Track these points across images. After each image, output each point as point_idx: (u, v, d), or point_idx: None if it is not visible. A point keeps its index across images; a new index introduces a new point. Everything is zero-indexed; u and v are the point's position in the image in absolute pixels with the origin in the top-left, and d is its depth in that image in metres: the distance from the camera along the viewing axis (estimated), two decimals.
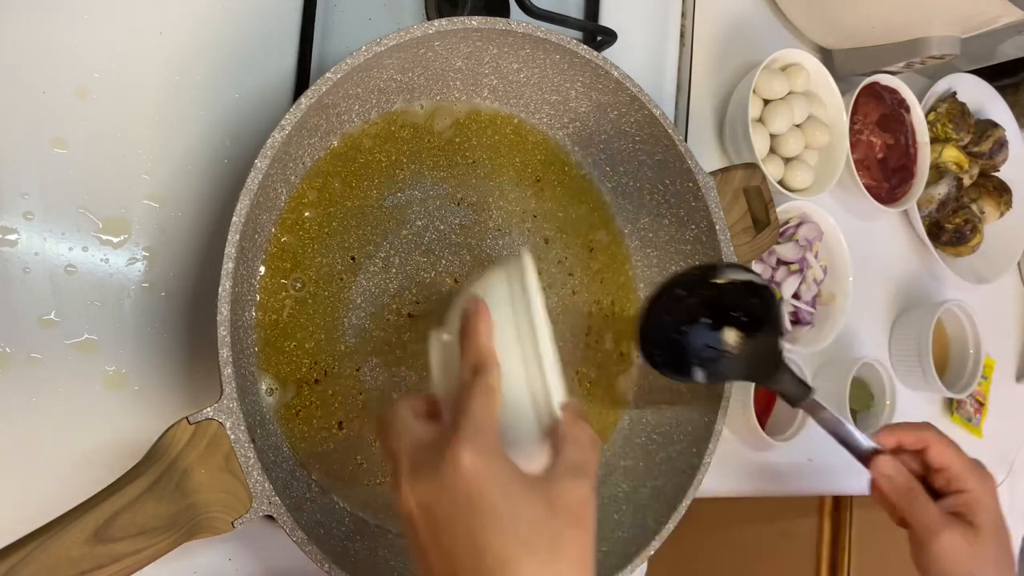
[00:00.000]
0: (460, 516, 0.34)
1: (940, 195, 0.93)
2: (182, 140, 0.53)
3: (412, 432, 0.38)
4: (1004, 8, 0.73)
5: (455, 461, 0.34)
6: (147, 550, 0.41)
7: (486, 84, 0.59)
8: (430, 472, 0.35)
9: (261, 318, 0.52)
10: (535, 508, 0.35)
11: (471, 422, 0.36)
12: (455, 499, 0.34)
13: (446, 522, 0.34)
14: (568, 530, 0.35)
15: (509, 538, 0.34)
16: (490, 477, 0.35)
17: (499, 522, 0.34)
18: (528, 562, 0.34)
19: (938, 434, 0.57)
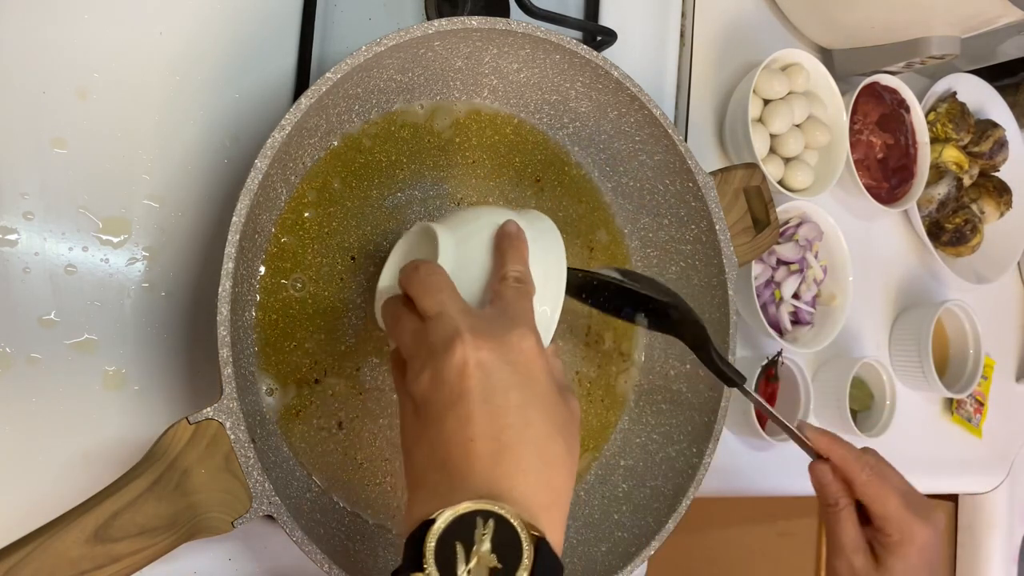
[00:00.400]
0: (516, 388, 0.38)
1: (940, 195, 0.93)
2: (182, 140, 0.53)
3: (461, 302, 0.41)
4: (1004, 8, 0.73)
5: (522, 340, 0.39)
6: (147, 550, 0.41)
7: (486, 84, 0.59)
8: (495, 340, 0.39)
9: (261, 318, 0.52)
10: (564, 406, 0.40)
11: (526, 314, 0.42)
12: (516, 371, 0.38)
13: (502, 389, 0.38)
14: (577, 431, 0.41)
15: (550, 421, 0.38)
16: (544, 366, 0.40)
17: (546, 405, 0.39)
18: (561, 443, 0.38)
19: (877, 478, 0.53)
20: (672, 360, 0.65)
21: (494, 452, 0.36)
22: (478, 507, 0.34)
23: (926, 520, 0.52)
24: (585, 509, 0.61)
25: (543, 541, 0.34)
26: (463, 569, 0.33)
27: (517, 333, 0.39)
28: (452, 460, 0.37)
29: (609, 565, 0.56)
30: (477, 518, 0.34)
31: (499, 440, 0.37)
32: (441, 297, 0.41)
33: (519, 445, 0.37)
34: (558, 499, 0.38)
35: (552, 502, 0.37)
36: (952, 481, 1.03)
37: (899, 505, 0.52)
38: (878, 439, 0.83)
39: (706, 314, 0.63)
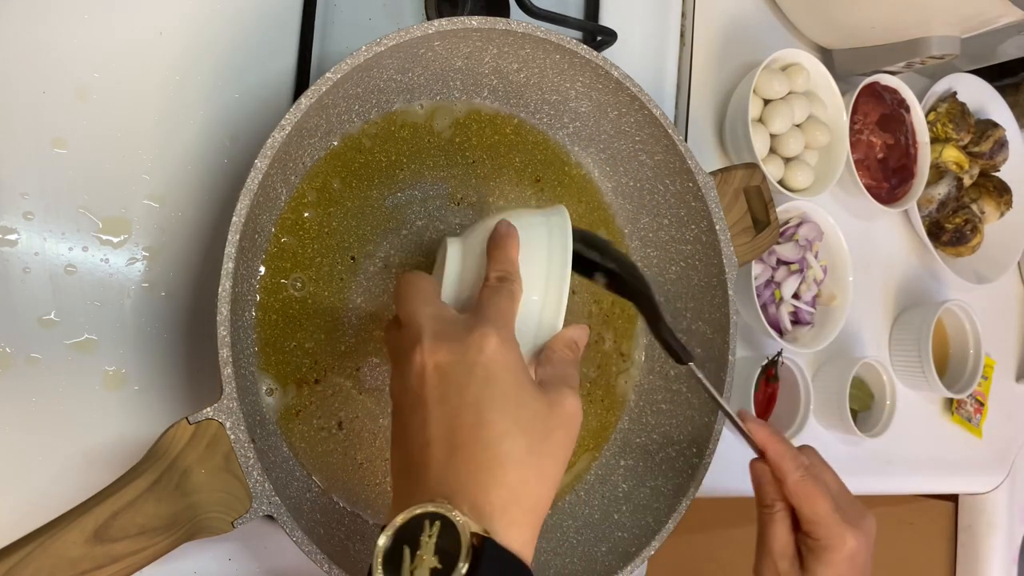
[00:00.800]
0: (473, 387, 0.38)
1: (940, 195, 0.93)
2: (182, 140, 0.53)
3: (435, 304, 0.42)
4: (1004, 8, 0.73)
5: (482, 340, 0.39)
6: (147, 550, 0.41)
7: (486, 84, 0.59)
8: (454, 343, 0.39)
9: (261, 318, 0.52)
10: (537, 403, 0.39)
11: (498, 314, 0.41)
12: (473, 372, 0.38)
13: (457, 389, 0.38)
14: (558, 429, 0.39)
15: (510, 418, 0.38)
16: (507, 364, 0.39)
17: (507, 403, 0.38)
18: (521, 441, 0.37)
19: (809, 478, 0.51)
20: (672, 360, 0.65)
21: (447, 452, 0.37)
22: (425, 510, 0.34)
23: (856, 527, 0.51)
24: (585, 509, 0.61)
25: (488, 540, 0.34)
26: (407, 570, 0.33)
27: (478, 333, 0.39)
28: (413, 464, 0.38)
29: (609, 565, 0.56)
30: (424, 521, 0.34)
31: (452, 441, 0.37)
32: (413, 305, 0.42)
33: (471, 444, 0.37)
34: (516, 497, 0.37)
35: (508, 500, 0.36)
36: (952, 481, 1.03)
37: (829, 509, 0.51)
38: (878, 439, 0.83)
39: (706, 314, 0.63)
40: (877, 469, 0.90)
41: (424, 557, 0.33)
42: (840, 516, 0.51)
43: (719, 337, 0.62)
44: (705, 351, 0.63)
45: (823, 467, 0.54)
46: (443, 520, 0.34)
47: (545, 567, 0.58)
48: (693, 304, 0.64)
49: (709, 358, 0.62)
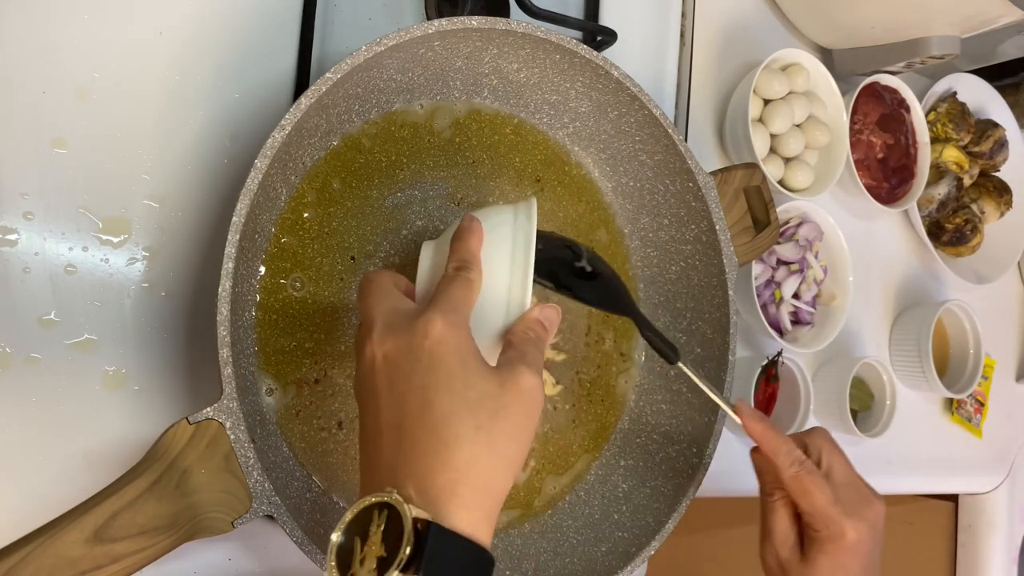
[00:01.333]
0: (419, 372, 0.38)
1: (940, 195, 0.93)
2: (182, 140, 0.53)
3: (392, 298, 0.43)
4: (1004, 8, 0.73)
5: (427, 326, 0.39)
6: (147, 550, 0.41)
7: (486, 84, 0.59)
8: (401, 332, 0.39)
9: (261, 318, 0.52)
10: (486, 383, 0.38)
11: (447, 300, 0.41)
12: (419, 357, 0.38)
13: (404, 375, 0.38)
14: (511, 406, 0.38)
15: (457, 399, 0.37)
16: (453, 347, 0.39)
17: (452, 384, 0.38)
18: (468, 421, 0.37)
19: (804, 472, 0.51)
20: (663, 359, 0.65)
21: (395, 440, 0.37)
22: (372, 500, 0.35)
23: (858, 517, 0.50)
24: (585, 509, 0.61)
25: (432, 524, 0.34)
26: (356, 561, 0.34)
27: (423, 319, 0.39)
28: (370, 454, 0.39)
29: (609, 565, 0.56)
30: (374, 511, 0.34)
31: (400, 428, 0.37)
32: (369, 301, 0.43)
33: (417, 429, 0.37)
34: (465, 477, 0.36)
35: (456, 481, 0.36)
36: (952, 481, 1.03)
37: (826, 502, 0.50)
38: (878, 439, 0.83)
39: (706, 314, 0.63)
40: (877, 469, 0.90)
41: (372, 547, 0.34)
42: (840, 508, 0.50)
43: (719, 337, 0.62)
44: (705, 351, 0.63)
45: (831, 451, 0.53)
46: (389, 508, 0.34)
47: (545, 567, 0.58)
48: (693, 304, 0.64)
49: (709, 358, 0.62)
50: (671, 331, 0.65)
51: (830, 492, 0.51)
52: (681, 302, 0.65)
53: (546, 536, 0.60)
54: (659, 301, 0.66)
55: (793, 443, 0.53)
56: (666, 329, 0.65)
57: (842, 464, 0.53)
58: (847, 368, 0.82)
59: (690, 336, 0.64)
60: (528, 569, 0.57)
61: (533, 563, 0.58)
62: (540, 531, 0.60)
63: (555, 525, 0.60)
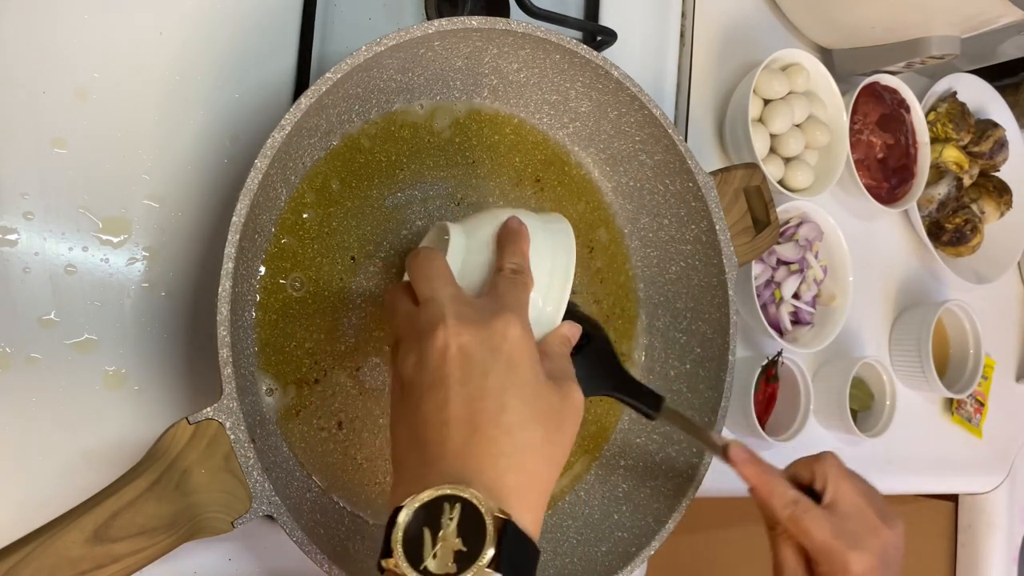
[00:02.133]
0: (496, 372, 0.38)
1: (940, 195, 0.93)
2: (182, 140, 0.53)
3: (454, 285, 0.43)
4: (1004, 8, 0.73)
5: (506, 327, 0.40)
6: (147, 550, 0.41)
7: (486, 84, 0.59)
8: (478, 326, 0.39)
9: (261, 318, 0.52)
10: (552, 395, 0.40)
11: (518, 303, 0.42)
12: (497, 357, 0.39)
13: (480, 372, 0.38)
14: (568, 420, 0.41)
15: (529, 408, 0.38)
16: (529, 354, 0.40)
17: (525, 392, 0.39)
18: (539, 430, 0.38)
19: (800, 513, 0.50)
20: (672, 360, 0.65)
21: (467, 434, 0.37)
22: (443, 492, 0.34)
23: (863, 548, 0.49)
24: (585, 509, 0.61)
25: (509, 523, 0.34)
26: (429, 553, 0.33)
27: (502, 319, 0.40)
28: (428, 442, 0.38)
29: (609, 565, 0.56)
30: (444, 503, 0.34)
31: (472, 423, 0.37)
32: (434, 283, 0.42)
33: (492, 428, 0.37)
34: (532, 482, 0.38)
35: (524, 485, 0.37)
36: (952, 481, 1.03)
37: (827, 538, 0.49)
38: (878, 439, 0.83)
39: (706, 314, 0.63)
40: (877, 469, 0.90)
41: (447, 539, 0.33)
42: (842, 542, 0.49)
43: (719, 337, 0.62)
44: (705, 351, 0.63)
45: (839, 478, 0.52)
46: (463, 503, 0.34)
47: (545, 567, 0.58)
48: (693, 304, 0.64)
49: (709, 358, 0.62)
50: (671, 331, 0.65)
51: (830, 527, 0.50)
52: (681, 302, 0.65)
53: (546, 536, 0.60)
54: (659, 301, 0.66)
55: (787, 484, 0.52)
56: (666, 329, 0.65)
57: (849, 491, 0.52)
58: (847, 368, 0.82)
59: (690, 336, 0.64)
60: None
61: None
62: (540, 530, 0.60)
63: (555, 525, 0.60)
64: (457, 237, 0.47)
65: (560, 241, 0.48)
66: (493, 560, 0.33)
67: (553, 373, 0.42)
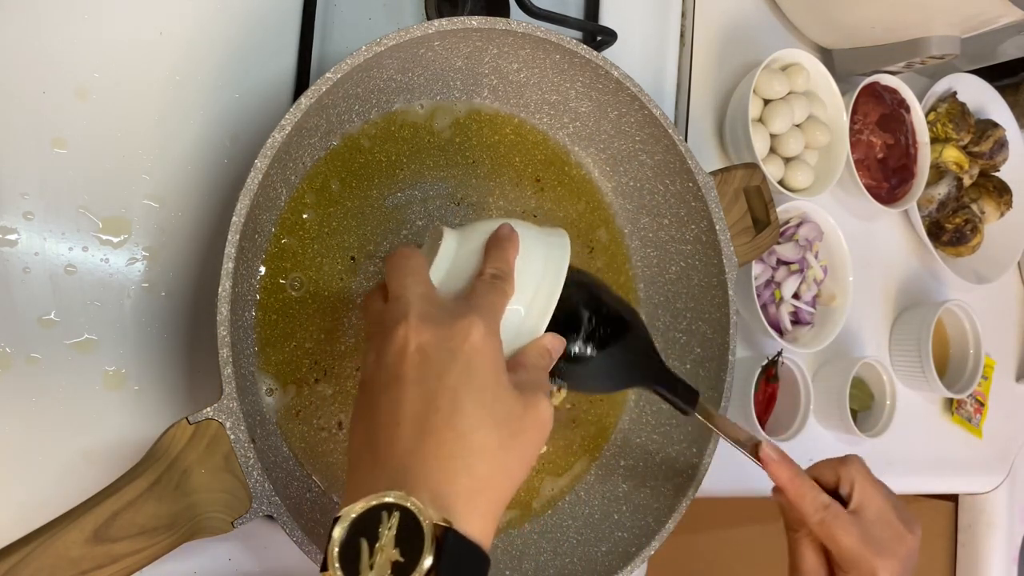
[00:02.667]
0: (453, 374, 0.37)
1: (940, 195, 0.93)
2: (182, 140, 0.53)
3: (425, 284, 0.42)
4: (1004, 8, 0.73)
5: (469, 328, 0.38)
6: (147, 550, 0.41)
7: (486, 84, 0.59)
8: (440, 326, 0.38)
9: (261, 318, 0.52)
10: (513, 402, 0.39)
11: (487, 306, 0.41)
12: (455, 358, 0.38)
13: (436, 372, 0.37)
14: (530, 431, 0.39)
15: (486, 412, 0.37)
16: (490, 357, 0.39)
17: (484, 395, 0.38)
18: (494, 435, 0.37)
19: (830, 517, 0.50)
20: (672, 360, 0.65)
21: (416, 435, 0.36)
22: (382, 500, 0.33)
23: (890, 555, 0.50)
24: (585, 509, 0.61)
25: (450, 531, 0.33)
26: (366, 564, 0.32)
27: (466, 321, 0.39)
28: (378, 442, 0.37)
29: (609, 565, 0.56)
30: (382, 512, 0.33)
31: (423, 425, 0.36)
32: (406, 280, 0.41)
33: (443, 430, 0.36)
34: (483, 488, 0.36)
35: (473, 489, 0.36)
36: (952, 481, 1.03)
37: (855, 543, 0.49)
38: (878, 439, 0.83)
39: (706, 314, 0.63)
40: (877, 469, 0.90)
41: (384, 549, 0.32)
42: (870, 548, 0.50)
43: (719, 337, 0.62)
44: (705, 351, 0.63)
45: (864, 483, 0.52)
46: (403, 511, 0.33)
47: (545, 567, 0.58)
48: (693, 304, 0.64)
49: (709, 358, 0.62)
50: (671, 331, 0.65)
51: (858, 533, 0.50)
52: (681, 302, 0.65)
53: (546, 536, 0.60)
54: (659, 301, 0.66)
55: (819, 488, 0.52)
56: (666, 329, 0.65)
57: (875, 497, 0.52)
58: (847, 368, 0.81)
59: (690, 336, 0.64)
60: (528, 569, 0.57)
61: (533, 563, 0.58)
62: (540, 531, 0.60)
63: (555, 525, 0.60)
64: (449, 241, 0.46)
65: (554, 254, 0.47)
66: (432, 569, 0.32)
67: (522, 383, 0.40)
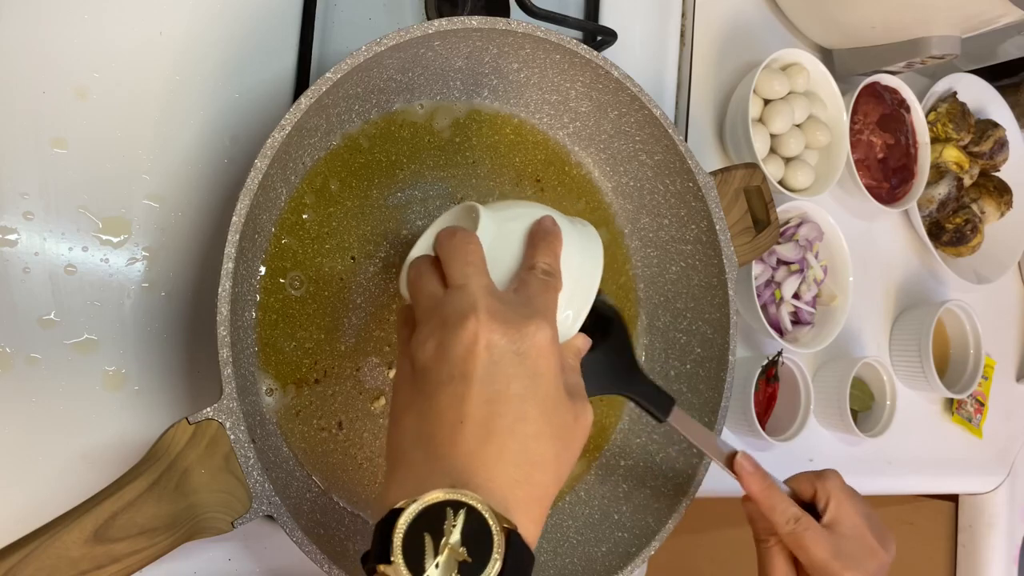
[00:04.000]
0: (522, 378, 0.37)
1: (940, 195, 0.93)
2: (182, 140, 0.53)
3: (488, 278, 0.41)
4: (1004, 8, 0.73)
5: (538, 331, 0.38)
6: (147, 550, 0.41)
7: (486, 84, 0.59)
8: (510, 326, 0.38)
9: (261, 318, 0.52)
10: (567, 413, 0.39)
11: (548, 309, 0.41)
12: (524, 362, 0.37)
13: (505, 374, 0.37)
14: (578, 440, 0.40)
15: (546, 422, 0.37)
16: (555, 366, 0.39)
17: (546, 404, 0.38)
18: (551, 448, 0.37)
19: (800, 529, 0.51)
20: (672, 360, 0.65)
21: (480, 437, 0.36)
22: (448, 497, 0.33)
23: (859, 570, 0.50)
24: (585, 509, 0.61)
25: (514, 533, 0.33)
26: (431, 562, 0.32)
27: (535, 324, 0.38)
28: (437, 437, 0.36)
29: (609, 565, 0.56)
30: (447, 508, 0.32)
31: (488, 427, 0.36)
32: (469, 269, 0.40)
33: (507, 436, 0.36)
34: (539, 496, 0.37)
35: (531, 497, 0.36)
36: (952, 481, 1.03)
37: (826, 557, 0.50)
38: (878, 439, 0.83)
39: (706, 314, 0.63)
40: (877, 469, 0.90)
41: (450, 548, 0.32)
42: (840, 563, 0.50)
43: (719, 337, 0.62)
44: (705, 351, 0.63)
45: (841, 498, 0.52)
46: (468, 509, 0.33)
47: (545, 567, 0.58)
48: (693, 304, 0.64)
49: (709, 358, 0.62)
50: (671, 331, 0.65)
51: (829, 546, 0.50)
52: (681, 302, 0.65)
53: (546, 536, 0.60)
54: (659, 301, 0.66)
55: (790, 500, 0.52)
56: (666, 329, 0.65)
57: (851, 513, 0.52)
58: (847, 368, 0.81)
59: (690, 336, 0.64)
60: None
61: None
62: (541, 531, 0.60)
63: (555, 525, 0.60)
64: (487, 222, 0.44)
65: (589, 247, 0.46)
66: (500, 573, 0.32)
67: (571, 389, 0.40)
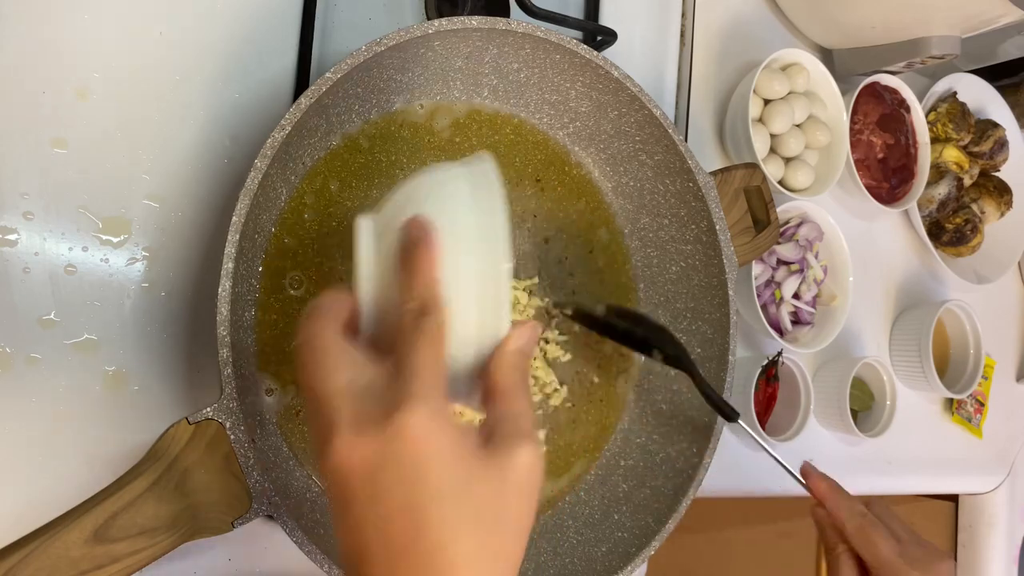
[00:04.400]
0: (402, 487, 0.31)
1: (940, 195, 0.93)
2: (182, 140, 0.53)
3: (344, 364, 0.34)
4: (1004, 8, 0.73)
5: (405, 423, 0.31)
6: (147, 550, 0.41)
7: (486, 84, 0.59)
8: (376, 431, 0.32)
9: (261, 318, 0.52)
10: (485, 483, 0.32)
11: (420, 378, 0.33)
12: (400, 466, 0.31)
13: (387, 490, 0.31)
14: (514, 499, 0.33)
15: (452, 516, 0.31)
16: (443, 445, 0.32)
17: (444, 499, 0.31)
18: (471, 540, 0.31)
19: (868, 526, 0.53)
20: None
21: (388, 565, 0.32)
22: None
23: (927, 570, 0.52)
24: (585, 509, 0.61)
25: None
26: None
27: (402, 415, 0.32)
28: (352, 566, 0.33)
29: (609, 565, 0.56)
30: None
31: (390, 550, 0.32)
32: (318, 376, 0.34)
33: (412, 555, 0.31)
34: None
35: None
36: (952, 481, 1.03)
37: (892, 554, 0.52)
38: (878, 439, 0.83)
39: (706, 314, 0.63)
40: (877, 469, 0.90)
41: None
42: (906, 560, 0.52)
43: (719, 337, 0.62)
44: (705, 351, 0.63)
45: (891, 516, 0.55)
46: None
47: (545, 567, 0.58)
48: (693, 304, 0.64)
49: (709, 358, 0.62)
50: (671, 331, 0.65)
51: (895, 544, 0.52)
52: (681, 302, 0.65)
53: (546, 536, 0.60)
54: (659, 301, 0.66)
55: (855, 498, 0.55)
56: None
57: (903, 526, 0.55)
58: (847, 368, 0.81)
59: (690, 336, 0.64)
60: (528, 569, 0.57)
61: (533, 563, 0.58)
62: (540, 531, 0.60)
63: (555, 525, 0.60)
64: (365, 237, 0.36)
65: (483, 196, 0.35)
66: None
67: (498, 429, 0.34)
